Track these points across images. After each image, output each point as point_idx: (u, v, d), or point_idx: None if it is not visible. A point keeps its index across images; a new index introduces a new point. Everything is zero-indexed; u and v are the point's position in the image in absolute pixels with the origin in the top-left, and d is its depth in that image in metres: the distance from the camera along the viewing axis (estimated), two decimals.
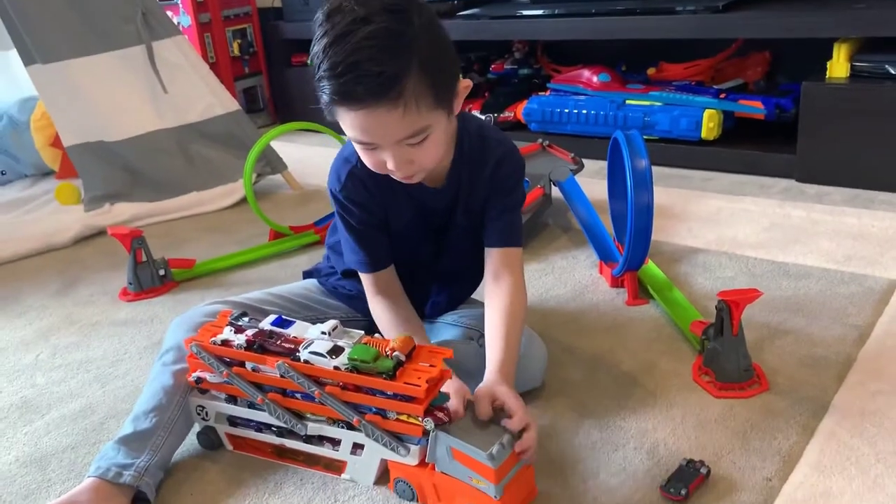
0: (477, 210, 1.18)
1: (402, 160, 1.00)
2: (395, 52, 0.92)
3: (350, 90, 0.92)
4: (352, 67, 0.90)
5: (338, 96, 0.93)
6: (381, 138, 0.98)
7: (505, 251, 1.16)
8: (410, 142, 0.98)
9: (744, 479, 1.00)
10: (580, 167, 1.99)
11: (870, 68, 2.00)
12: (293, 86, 3.24)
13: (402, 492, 1.02)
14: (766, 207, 1.94)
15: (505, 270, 1.15)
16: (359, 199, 1.14)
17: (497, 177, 1.14)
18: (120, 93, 2.33)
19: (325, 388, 1.01)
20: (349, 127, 0.98)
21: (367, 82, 0.91)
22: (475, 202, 1.17)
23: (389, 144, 0.98)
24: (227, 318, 1.11)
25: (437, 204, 1.17)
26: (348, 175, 1.13)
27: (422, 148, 0.99)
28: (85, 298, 1.76)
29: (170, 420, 1.09)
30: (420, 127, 0.97)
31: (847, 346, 1.28)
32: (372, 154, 1.01)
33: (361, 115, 0.95)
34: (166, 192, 2.31)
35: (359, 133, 0.98)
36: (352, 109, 0.94)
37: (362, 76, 0.91)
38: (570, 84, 2.57)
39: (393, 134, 0.97)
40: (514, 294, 1.13)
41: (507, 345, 1.08)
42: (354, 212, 1.15)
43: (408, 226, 1.18)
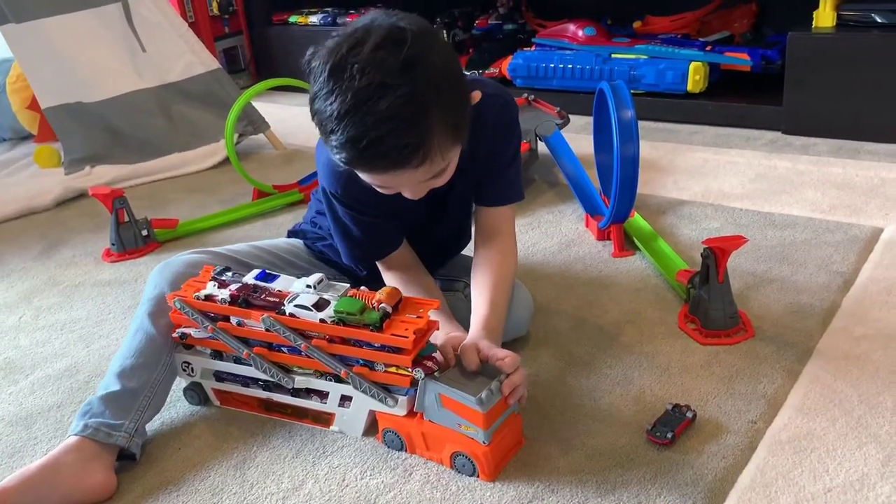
0: (474, 180, 1.15)
1: (425, 188, 0.99)
2: (416, 120, 0.87)
3: (374, 164, 0.91)
4: (375, 143, 0.86)
5: (358, 166, 0.92)
6: (405, 187, 0.97)
7: (498, 210, 1.15)
8: (432, 181, 0.97)
9: (729, 423, 1.01)
10: (566, 121, 1.98)
11: (856, 17, 1.99)
12: (275, 45, 3.19)
13: (390, 442, 1.02)
14: (752, 159, 1.94)
15: (497, 228, 1.14)
16: (365, 198, 1.07)
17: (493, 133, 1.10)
18: (97, 52, 2.29)
19: (311, 342, 1.01)
20: (372, 182, 0.95)
21: (392, 156, 0.88)
22: (474, 175, 1.14)
23: (413, 185, 0.97)
24: (210, 273, 1.10)
25: None
26: (347, 180, 1.05)
27: (441, 177, 0.98)
28: (67, 260, 1.74)
29: (156, 380, 1.08)
30: (442, 168, 0.95)
31: (832, 293, 1.29)
32: (391, 192, 0.99)
33: (385, 177, 0.94)
34: (148, 153, 2.28)
35: (384, 186, 0.96)
36: (376, 174, 0.93)
37: (387, 152, 0.87)
38: (556, 39, 2.54)
39: (416, 181, 0.95)
40: (505, 255, 1.12)
41: (493, 305, 1.07)
42: (363, 210, 1.10)
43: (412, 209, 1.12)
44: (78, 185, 2.14)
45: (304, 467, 1.01)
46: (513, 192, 1.16)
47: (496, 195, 1.15)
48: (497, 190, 1.15)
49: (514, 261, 1.14)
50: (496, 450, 0.96)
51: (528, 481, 0.94)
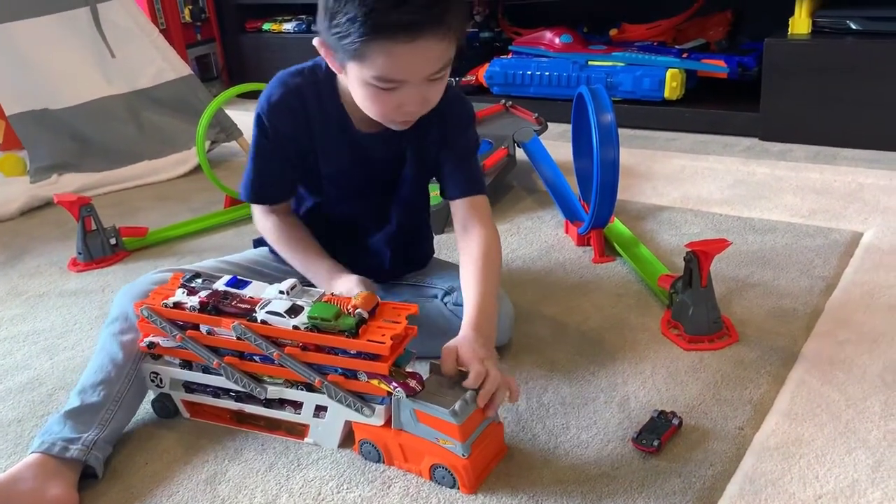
0: (430, 161, 1.14)
1: (420, 98, 0.98)
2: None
3: (414, 21, 0.89)
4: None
5: (389, 29, 0.89)
6: (414, 73, 0.95)
7: (470, 200, 1.13)
8: (435, 77, 0.96)
9: (716, 429, 0.98)
10: (544, 127, 1.96)
11: (831, 24, 2.00)
12: (248, 52, 3.14)
13: (367, 454, 0.99)
14: (731, 165, 1.93)
15: (473, 219, 1.12)
16: (283, 126, 1.08)
17: (449, 119, 1.11)
18: (65, 57, 2.23)
19: (284, 350, 0.97)
20: (383, 66, 0.93)
21: (434, 11, 0.90)
22: (427, 151, 1.13)
23: (418, 80, 0.95)
24: (178, 280, 1.06)
25: (379, 153, 1.12)
26: (282, 96, 1.07)
27: (436, 86, 0.98)
28: (32, 270, 1.68)
29: (119, 393, 1.04)
30: (447, 61, 0.96)
31: (814, 297, 1.28)
32: (387, 97, 0.97)
33: (407, 49, 0.91)
34: (117, 160, 2.22)
35: (395, 70, 0.93)
36: (399, 42, 0.90)
37: (428, 5, 0.89)
38: (532, 46, 2.53)
39: (430, 66, 0.95)
40: (487, 242, 1.10)
41: (481, 296, 1.04)
42: (270, 137, 1.09)
43: (345, 173, 1.13)
44: (44, 193, 2.07)
45: (279, 481, 0.96)
46: (477, 183, 1.15)
47: (462, 185, 1.13)
48: (461, 180, 1.14)
49: (495, 248, 1.10)
50: (476, 461, 0.92)
51: (511, 493, 0.91)
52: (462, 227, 1.12)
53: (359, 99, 1.01)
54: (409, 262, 1.27)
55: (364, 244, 1.21)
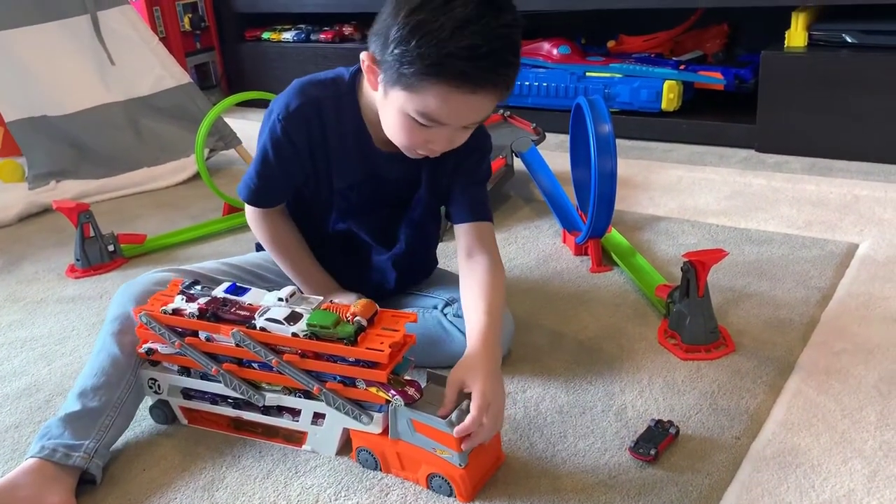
0: (443, 187, 1.14)
1: (449, 140, 0.99)
2: (519, 45, 0.93)
3: (484, 77, 0.90)
4: (495, 54, 0.89)
5: (458, 77, 0.89)
6: (460, 120, 0.95)
7: (476, 226, 1.12)
8: (471, 126, 0.98)
9: (713, 439, 0.99)
10: (542, 138, 1.97)
11: (827, 37, 2.01)
12: (247, 61, 3.15)
13: (364, 461, 0.99)
14: (727, 176, 1.94)
15: (478, 246, 1.11)
16: (297, 136, 1.06)
17: (467, 147, 1.08)
18: (64, 65, 2.23)
19: (283, 357, 0.97)
20: (433, 106, 0.92)
21: (503, 72, 0.91)
22: (442, 176, 1.13)
23: (458, 127, 0.96)
24: (178, 286, 1.06)
25: (394, 173, 1.12)
26: (300, 106, 1.05)
27: (467, 132, 0.99)
28: (29, 276, 1.68)
29: (119, 399, 1.04)
30: (490, 113, 0.97)
31: (810, 307, 1.28)
32: (419, 132, 0.97)
33: (464, 100, 0.91)
34: (115, 168, 2.22)
35: (442, 114, 0.93)
36: (460, 91, 0.90)
37: (503, 66, 0.91)
38: (531, 57, 2.54)
39: (475, 117, 0.96)
40: (491, 269, 1.09)
41: (488, 314, 1.02)
42: (281, 145, 1.07)
43: (357, 189, 1.13)
44: (42, 199, 2.07)
45: (276, 488, 0.96)
46: (484, 209, 1.15)
47: (469, 210, 1.13)
48: (468, 204, 1.13)
49: (499, 273, 1.10)
50: (473, 471, 0.92)
51: (508, 501, 0.91)
52: (466, 254, 1.11)
53: (389, 123, 1.00)
54: (414, 282, 1.27)
55: (369, 263, 1.20)
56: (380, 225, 1.18)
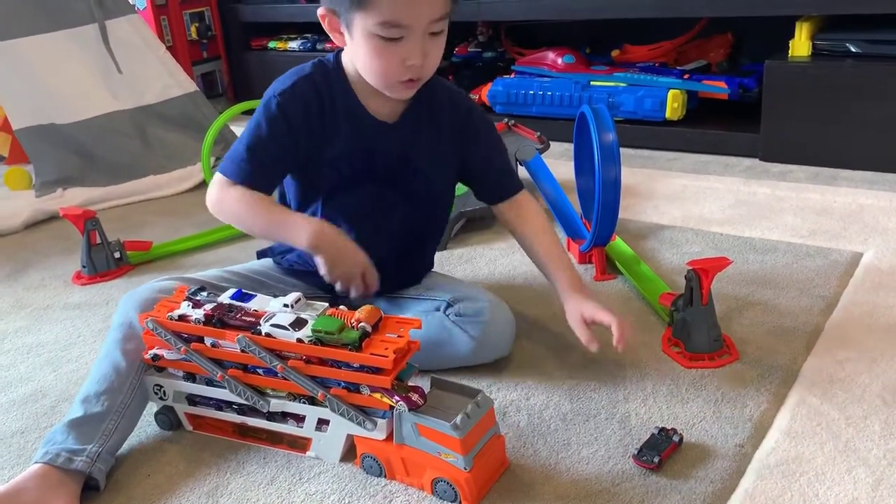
0: (444, 161, 1.17)
1: (422, 52, 1.02)
2: None
3: None
4: None
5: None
6: (418, 17, 0.99)
7: (517, 200, 1.23)
8: (435, 28, 1.02)
9: (716, 447, 0.99)
10: (546, 146, 1.97)
11: (831, 46, 2.02)
12: (253, 70, 3.17)
13: (369, 468, 0.99)
14: (731, 185, 1.94)
15: (528, 212, 1.23)
16: (294, 115, 1.10)
17: (472, 124, 1.16)
18: (72, 73, 2.25)
19: (287, 363, 0.98)
20: (385, 8, 0.98)
21: None
22: (442, 151, 1.16)
23: (421, 28, 1.00)
24: (184, 293, 1.07)
25: (387, 144, 1.14)
26: (298, 81, 1.11)
27: (436, 43, 1.05)
28: (36, 283, 1.69)
29: (122, 404, 1.04)
30: (447, 10, 1.02)
31: (814, 316, 1.28)
32: (392, 50, 1.01)
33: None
34: (121, 175, 2.23)
35: (398, 12, 0.98)
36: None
37: None
38: (535, 66, 2.55)
39: (431, 11, 1.00)
40: (547, 228, 1.22)
41: (568, 266, 1.19)
42: (276, 122, 1.09)
43: (348, 157, 1.14)
44: (49, 207, 2.08)
45: (280, 495, 0.97)
46: (515, 180, 1.24)
47: (502, 188, 1.23)
48: (499, 182, 1.23)
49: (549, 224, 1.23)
50: (478, 474, 0.93)
51: None
52: (520, 220, 1.23)
53: (364, 62, 1.05)
54: (411, 272, 1.27)
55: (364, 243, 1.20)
56: (372, 197, 1.16)
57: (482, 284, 1.46)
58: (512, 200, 1.23)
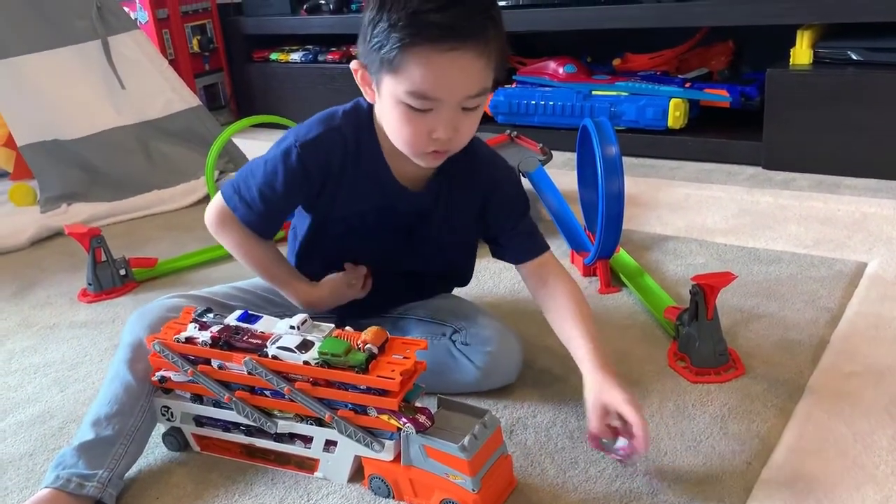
0: (462, 228, 1.15)
1: (452, 126, 0.97)
2: (491, 4, 0.97)
3: (458, 25, 0.90)
4: (465, 1, 0.91)
5: (430, 29, 0.90)
6: (451, 90, 0.94)
7: (538, 261, 1.15)
8: (469, 104, 0.96)
9: (724, 464, 0.99)
10: (549, 157, 1.97)
11: (832, 54, 2.02)
12: (255, 82, 3.18)
13: (377, 489, 0.99)
14: (734, 194, 1.95)
15: (549, 274, 1.14)
16: (313, 168, 1.06)
17: (498, 201, 1.13)
18: (75, 89, 2.26)
19: (294, 385, 0.98)
20: (419, 77, 0.92)
21: (478, 20, 0.92)
22: (460, 219, 1.14)
23: (454, 104, 0.95)
24: (190, 314, 1.07)
25: (408, 207, 1.12)
26: (324, 133, 1.05)
27: (469, 117, 0.99)
28: (42, 300, 1.69)
29: (133, 427, 1.04)
30: (484, 87, 0.96)
31: (820, 328, 1.28)
32: (420, 120, 0.96)
33: (445, 60, 0.91)
34: (126, 190, 2.24)
35: (430, 83, 0.92)
36: (438, 50, 0.90)
37: (477, 12, 0.92)
38: (536, 76, 2.56)
39: (465, 87, 0.94)
40: (575, 290, 1.12)
41: (591, 336, 1.06)
42: (292, 172, 1.06)
43: (360, 217, 1.12)
44: (54, 223, 2.09)
45: None
46: (540, 242, 1.17)
47: (528, 249, 1.15)
48: (524, 244, 1.16)
49: (577, 289, 1.13)
50: (486, 495, 0.93)
51: None
52: (540, 282, 1.14)
53: (391, 125, 1.00)
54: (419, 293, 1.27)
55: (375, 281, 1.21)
56: (382, 251, 1.17)
57: (487, 298, 1.47)
58: (534, 262, 1.15)
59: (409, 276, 1.22)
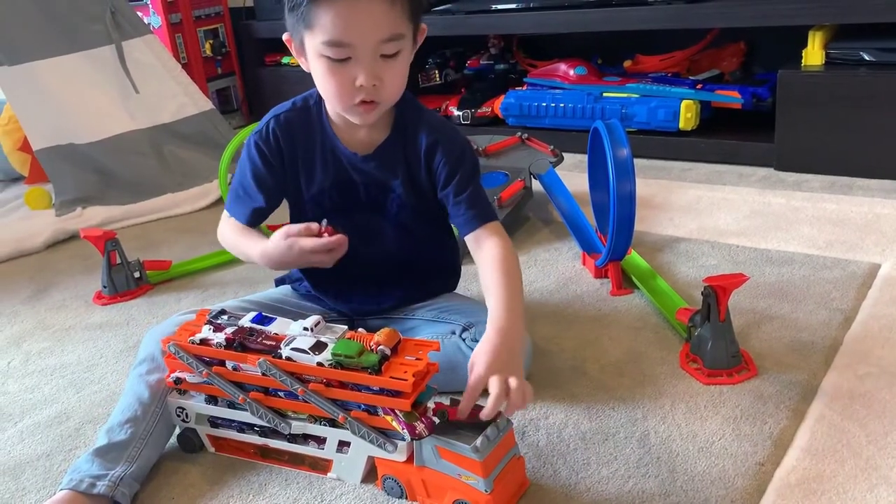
0: (423, 190, 1.16)
1: (373, 74, 1.01)
2: None
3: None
4: None
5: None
6: (361, 37, 0.98)
7: (481, 230, 1.12)
8: (386, 50, 1.00)
9: (737, 466, 0.99)
10: (560, 159, 1.98)
11: (844, 55, 2.01)
12: (267, 85, 3.20)
13: (390, 489, 1.00)
14: (746, 195, 1.94)
15: (485, 236, 1.11)
16: (270, 154, 1.15)
17: (434, 166, 1.13)
18: (90, 94, 2.28)
19: (308, 386, 0.99)
20: (329, 27, 0.97)
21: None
22: (420, 181, 1.16)
23: (367, 48, 0.99)
24: (205, 316, 1.08)
25: (364, 176, 1.15)
26: (271, 121, 1.15)
27: (391, 66, 1.02)
28: (58, 303, 1.71)
29: (146, 431, 1.06)
30: (398, 31, 1.00)
31: (833, 330, 1.28)
32: (342, 70, 1.01)
33: (349, 3, 0.96)
34: (140, 194, 2.26)
35: (340, 30, 0.97)
36: None
37: None
38: (547, 78, 2.56)
39: (375, 32, 0.98)
40: (502, 247, 1.09)
41: (500, 294, 1.02)
42: (256, 162, 1.16)
43: (327, 194, 1.17)
44: (69, 226, 2.11)
45: None
46: (484, 212, 1.13)
47: (470, 221, 1.12)
48: (468, 215, 1.12)
49: (512, 254, 1.09)
50: (499, 496, 0.93)
51: None
52: (477, 246, 1.12)
53: (319, 83, 1.06)
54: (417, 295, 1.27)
55: (357, 272, 1.20)
56: (357, 228, 1.15)
57: None
58: (476, 231, 1.12)
59: (399, 263, 1.22)
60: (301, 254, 1.07)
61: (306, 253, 1.07)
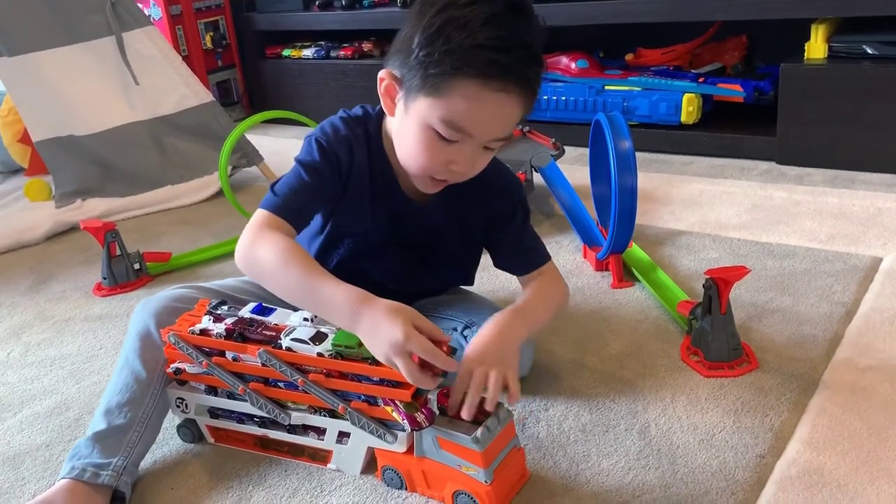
0: (472, 238, 1.15)
1: (471, 161, 0.96)
2: (542, 53, 0.95)
3: (516, 68, 0.89)
4: (525, 47, 0.90)
5: (494, 70, 0.88)
6: (484, 131, 0.93)
7: (537, 271, 1.14)
8: (493, 144, 0.96)
9: (737, 458, 0.98)
10: (561, 152, 1.97)
11: (847, 49, 2.00)
12: (268, 78, 3.19)
13: (390, 480, 1.00)
14: (748, 189, 1.94)
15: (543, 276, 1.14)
16: (334, 152, 1.02)
17: (504, 212, 1.12)
18: (90, 85, 2.27)
19: (308, 376, 0.98)
20: (457, 109, 0.90)
21: (534, 69, 0.92)
22: (472, 230, 1.14)
23: (482, 142, 0.95)
24: (205, 306, 1.08)
25: (417, 221, 1.11)
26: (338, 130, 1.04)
27: (487, 155, 0.99)
28: (58, 294, 1.71)
29: (145, 415, 1.05)
30: (512, 133, 0.97)
31: (834, 323, 1.28)
32: (441, 149, 0.94)
33: (494, 99, 0.90)
34: (140, 186, 2.26)
35: (466, 118, 0.91)
36: (490, 87, 0.89)
37: (533, 58, 0.91)
38: (549, 71, 2.55)
39: (499, 130, 0.94)
40: (553, 283, 1.13)
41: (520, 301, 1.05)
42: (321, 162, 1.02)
43: (371, 234, 1.11)
44: (69, 218, 2.11)
45: None
46: (540, 254, 1.15)
47: (527, 262, 1.14)
48: (524, 257, 1.15)
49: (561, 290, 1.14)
50: (499, 487, 0.93)
51: None
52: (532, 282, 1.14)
53: (407, 144, 0.97)
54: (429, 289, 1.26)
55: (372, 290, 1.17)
56: (396, 266, 1.15)
57: (499, 294, 1.47)
58: (533, 274, 1.14)
59: (417, 293, 1.21)
60: (398, 347, 0.84)
61: (403, 352, 0.84)
